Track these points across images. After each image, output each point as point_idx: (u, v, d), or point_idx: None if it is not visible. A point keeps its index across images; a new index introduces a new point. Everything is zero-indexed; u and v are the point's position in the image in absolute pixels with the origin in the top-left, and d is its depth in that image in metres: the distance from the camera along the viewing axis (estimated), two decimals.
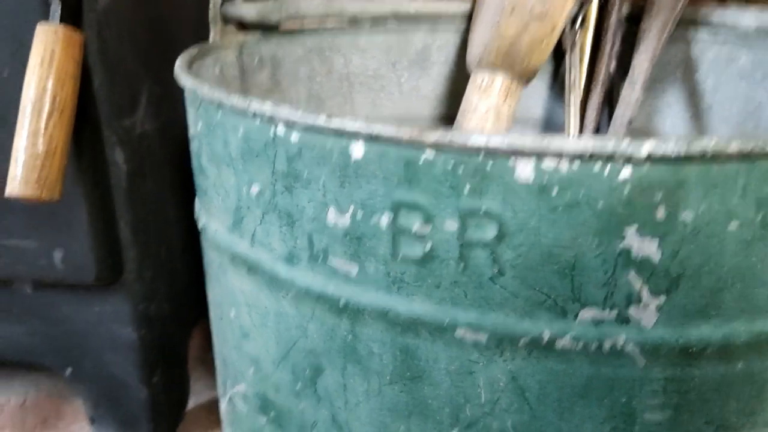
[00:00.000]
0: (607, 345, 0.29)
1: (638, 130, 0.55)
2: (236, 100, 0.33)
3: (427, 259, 0.30)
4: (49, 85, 0.41)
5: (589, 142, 0.26)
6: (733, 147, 0.26)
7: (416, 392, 0.33)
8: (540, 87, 0.59)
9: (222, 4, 0.50)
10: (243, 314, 0.39)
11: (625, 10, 0.54)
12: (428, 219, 0.29)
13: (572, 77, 0.54)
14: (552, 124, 0.60)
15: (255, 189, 0.35)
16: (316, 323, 0.35)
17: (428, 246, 0.30)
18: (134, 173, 0.53)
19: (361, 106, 0.61)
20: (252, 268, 0.37)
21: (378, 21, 0.59)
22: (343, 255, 0.32)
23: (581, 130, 0.53)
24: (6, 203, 0.50)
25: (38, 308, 0.56)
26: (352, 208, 0.31)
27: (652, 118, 0.55)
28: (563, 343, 0.29)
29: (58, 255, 0.52)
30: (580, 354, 0.30)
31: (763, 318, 0.29)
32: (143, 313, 0.57)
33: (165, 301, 0.59)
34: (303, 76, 0.57)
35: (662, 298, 0.28)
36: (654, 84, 0.53)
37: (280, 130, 0.32)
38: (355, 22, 0.58)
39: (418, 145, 0.28)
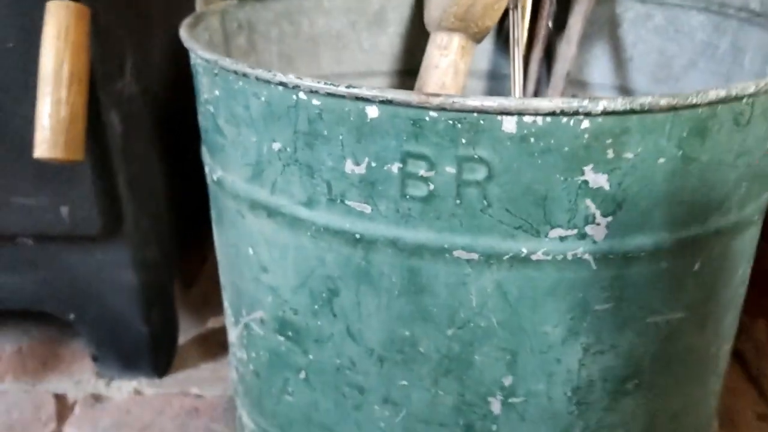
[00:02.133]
0: (569, 255, 0.38)
1: (572, 81, 0.64)
2: (260, 72, 0.39)
3: (430, 197, 0.38)
4: (67, 57, 0.45)
5: (558, 103, 0.34)
6: (663, 102, 0.35)
7: (419, 303, 0.41)
8: (487, 43, 0.67)
9: None
10: (262, 251, 0.46)
11: None
12: (431, 166, 0.37)
13: (516, 35, 0.62)
14: (497, 75, 0.68)
15: (276, 146, 0.41)
16: (333, 254, 0.42)
17: (431, 187, 0.38)
18: (127, 133, 0.58)
19: (326, 64, 0.67)
20: (272, 213, 0.44)
21: None
22: (359, 197, 0.40)
23: (525, 81, 0.61)
24: (13, 166, 0.54)
25: (42, 260, 0.61)
26: (366, 159, 0.38)
27: (583, 69, 0.64)
28: (537, 256, 0.38)
29: (64, 210, 0.56)
30: (550, 263, 0.39)
31: (682, 229, 0.39)
32: (141, 259, 0.62)
33: (157, 248, 0.65)
34: (274, 37, 0.63)
35: (610, 218, 0.38)
36: (584, 39, 0.62)
37: (302, 96, 0.39)
38: None
39: (425, 107, 0.36)
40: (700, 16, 0.56)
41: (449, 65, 0.58)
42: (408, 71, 0.69)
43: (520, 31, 0.62)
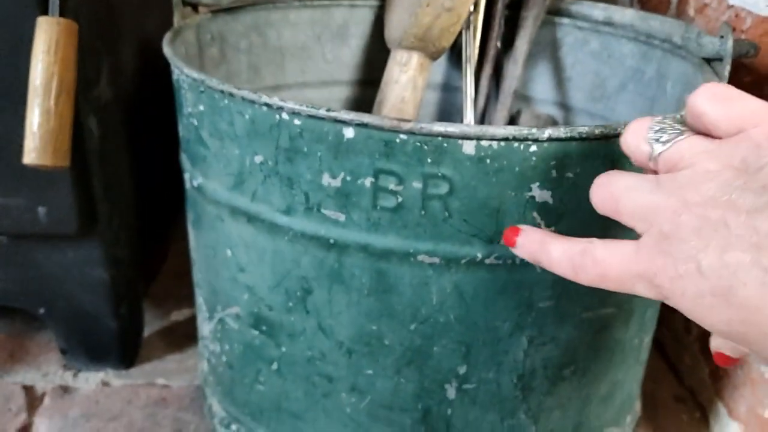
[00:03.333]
0: (517, 260, 0.44)
1: (518, 95, 0.70)
2: (246, 93, 0.44)
3: (398, 208, 0.43)
4: (56, 70, 0.48)
5: (511, 130, 0.40)
6: (597, 131, 0.41)
7: (386, 301, 0.47)
8: (442, 58, 0.72)
9: None
10: (240, 253, 0.50)
11: None
12: (400, 181, 0.42)
13: (468, 53, 0.67)
14: (450, 88, 0.74)
15: (258, 159, 0.45)
16: (308, 257, 0.47)
17: (399, 199, 0.43)
18: (103, 137, 0.61)
19: (291, 73, 0.71)
20: (252, 219, 0.48)
21: None
22: (334, 207, 0.44)
23: (476, 96, 0.67)
24: None
25: (14, 257, 0.63)
26: (342, 174, 0.43)
27: (528, 85, 0.71)
28: (490, 260, 0.44)
29: (42, 210, 0.59)
30: (500, 267, 0.44)
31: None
32: (112, 256, 0.65)
33: (126, 246, 0.68)
34: (243, 48, 0.67)
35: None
36: (529, 59, 0.69)
37: (285, 116, 0.43)
38: (285, 0, 0.68)
39: (396, 131, 0.41)
40: (630, 44, 0.63)
41: (408, 81, 0.63)
42: (368, 81, 0.74)
43: (471, 50, 0.68)
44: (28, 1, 0.50)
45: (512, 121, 0.69)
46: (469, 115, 0.67)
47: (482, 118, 0.69)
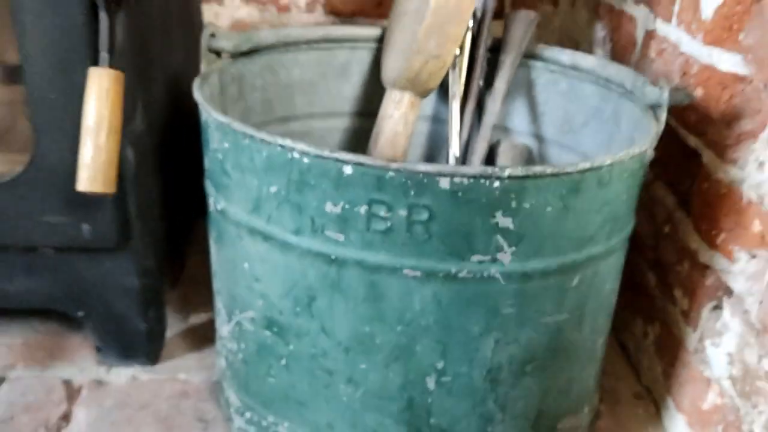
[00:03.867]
0: (485, 274, 0.54)
1: (498, 127, 0.80)
2: (264, 135, 0.53)
3: (388, 230, 0.53)
4: (106, 113, 0.58)
5: (479, 170, 0.50)
6: (549, 170, 0.51)
7: (377, 307, 0.56)
8: (432, 94, 0.82)
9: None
10: (256, 266, 0.60)
11: (489, 43, 0.78)
12: (389, 209, 0.52)
13: (454, 90, 0.77)
14: (439, 119, 0.84)
15: (273, 189, 0.55)
16: (314, 270, 0.56)
17: (389, 224, 0.53)
18: (138, 165, 0.71)
19: (300, 106, 0.81)
20: (267, 238, 0.58)
21: (312, 43, 0.79)
22: (335, 229, 0.54)
23: (461, 128, 0.77)
24: (49, 193, 0.66)
25: (59, 266, 0.73)
26: (342, 202, 0.53)
27: (506, 118, 0.80)
28: (462, 274, 0.54)
29: (86, 227, 0.69)
30: (471, 280, 0.54)
31: (564, 256, 0.55)
32: (142, 267, 0.75)
33: (154, 258, 0.78)
34: (258, 86, 0.77)
35: (514, 248, 0.53)
36: (508, 96, 0.78)
37: (296, 155, 0.53)
38: (295, 44, 0.78)
39: (386, 169, 0.51)
40: (592, 86, 0.73)
41: (401, 116, 0.73)
42: (367, 113, 0.84)
43: (457, 88, 0.78)
44: (81, 55, 0.60)
45: (492, 150, 0.79)
46: (455, 145, 0.77)
47: (466, 147, 0.78)
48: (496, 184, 0.51)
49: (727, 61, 0.64)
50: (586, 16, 1.02)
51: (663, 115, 0.59)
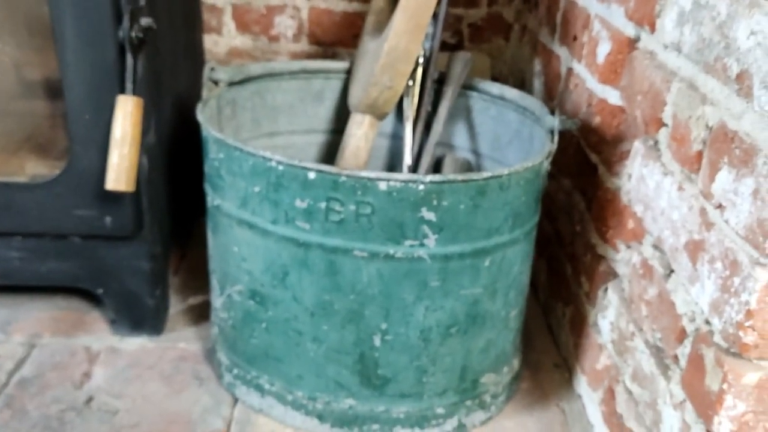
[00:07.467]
0: (416, 255, 0.71)
1: (442, 143, 0.98)
2: (250, 149, 0.71)
3: (341, 221, 0.70)
4: (129, 130, 0.76)
5: (407, 177, 0.67)
6: (460, 178, 0.68)
7: (334, 280, 0.74)
8: (391, 116, 1.00)
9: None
10: (243, 249, 0.77)
11: (435, 76, 0.96)
12: (342, 205, 0.70)
13: (407, 114, 0.95)
14: (396, 136, 1.02)
15: (257, 189, 0.73)
16: (286, 252, 0.74)
17: (342, 216, 0.70)
18: (150, 169, 0.88)
19: (283, 124, 0.99)
20: (252, 227, 0.75)
21: (293, 74, 0.97)
22: (303, 219, 0.72)
23: (413, 144, 0.95)
24: (78, 191, 0.84)
25: (84, 252, 0.90)
26: (307, 199, 0.70)
27: (450, 137, 0.98)
28: (398, 255, 0.71)
29: (108, 219, 0.86)
30: (405, 259, 0.72)
31: (476, 242, 0.72)
32: (153, 252, 0.92)
33: (161, 246, 0.95)
34: (248, 107, 0.94)
35: (437, 236, 0.71)
36: (450, 119, 0.96)
37: (273, 164, 0.70)
38: (279, 74, 0.96)
39: (339, 175, 0.68)
40: (514, 113, 0.91)
41: (362, 135, 0.91)
42: (338, 130, 1.01)
43: (410, 111, 0.96)
44: (111, 84, 0.78)
45: (438, 162, 0.97)
46: (408, 157, 0.95)
47: (417, 159, 0.96)
48: (421, 187, 0.68)
49: (614, 96, 0.82)
50: (529, 52, 1.20)
51: (556, 137, 0.77)
